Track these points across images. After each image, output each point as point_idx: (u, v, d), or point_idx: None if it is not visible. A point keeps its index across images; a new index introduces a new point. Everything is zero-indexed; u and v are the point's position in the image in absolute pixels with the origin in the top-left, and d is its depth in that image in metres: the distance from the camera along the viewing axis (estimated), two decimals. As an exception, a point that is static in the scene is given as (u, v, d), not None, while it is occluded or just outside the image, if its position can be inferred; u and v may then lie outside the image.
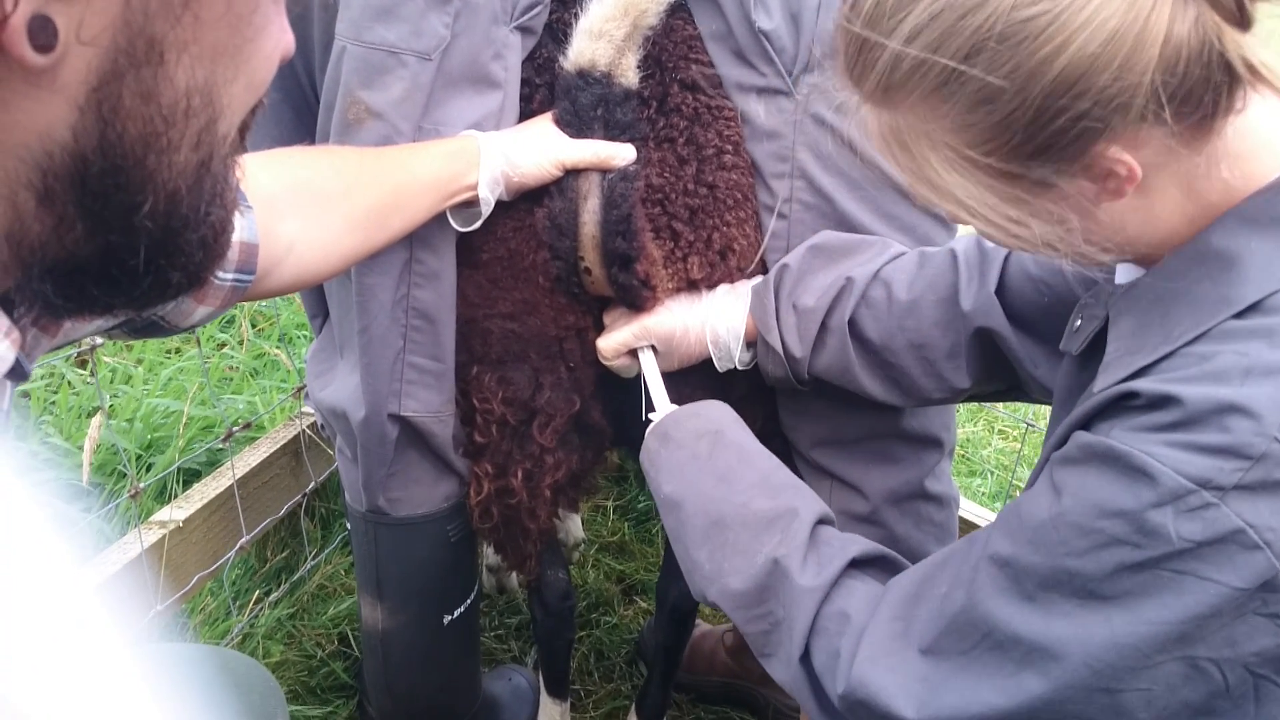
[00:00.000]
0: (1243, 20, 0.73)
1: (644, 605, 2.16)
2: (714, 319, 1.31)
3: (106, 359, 2.59)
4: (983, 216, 0.84)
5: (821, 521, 1.06)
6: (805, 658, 0.97)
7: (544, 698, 1.77)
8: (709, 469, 1.12)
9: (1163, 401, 0.75)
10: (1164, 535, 0.72)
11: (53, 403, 2.42)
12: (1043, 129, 0.76)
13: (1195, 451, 0.72)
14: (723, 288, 1.33)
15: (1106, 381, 0.81)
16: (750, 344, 1.31)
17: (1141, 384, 0.77)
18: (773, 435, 1.44)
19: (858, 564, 1.01)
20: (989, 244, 1.17)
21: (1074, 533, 0.77)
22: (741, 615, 1.03)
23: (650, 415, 1.26)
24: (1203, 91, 0.74)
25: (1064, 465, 0.81)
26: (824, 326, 1.23)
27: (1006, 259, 1.14)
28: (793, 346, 1.24)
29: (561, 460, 1.40)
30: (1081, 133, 0.75)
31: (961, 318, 1.16)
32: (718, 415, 1.20)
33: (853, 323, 1.21)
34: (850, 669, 0.90)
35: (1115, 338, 0.84)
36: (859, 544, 1.02)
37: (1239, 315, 0.76)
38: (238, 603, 1.99)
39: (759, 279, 1.32)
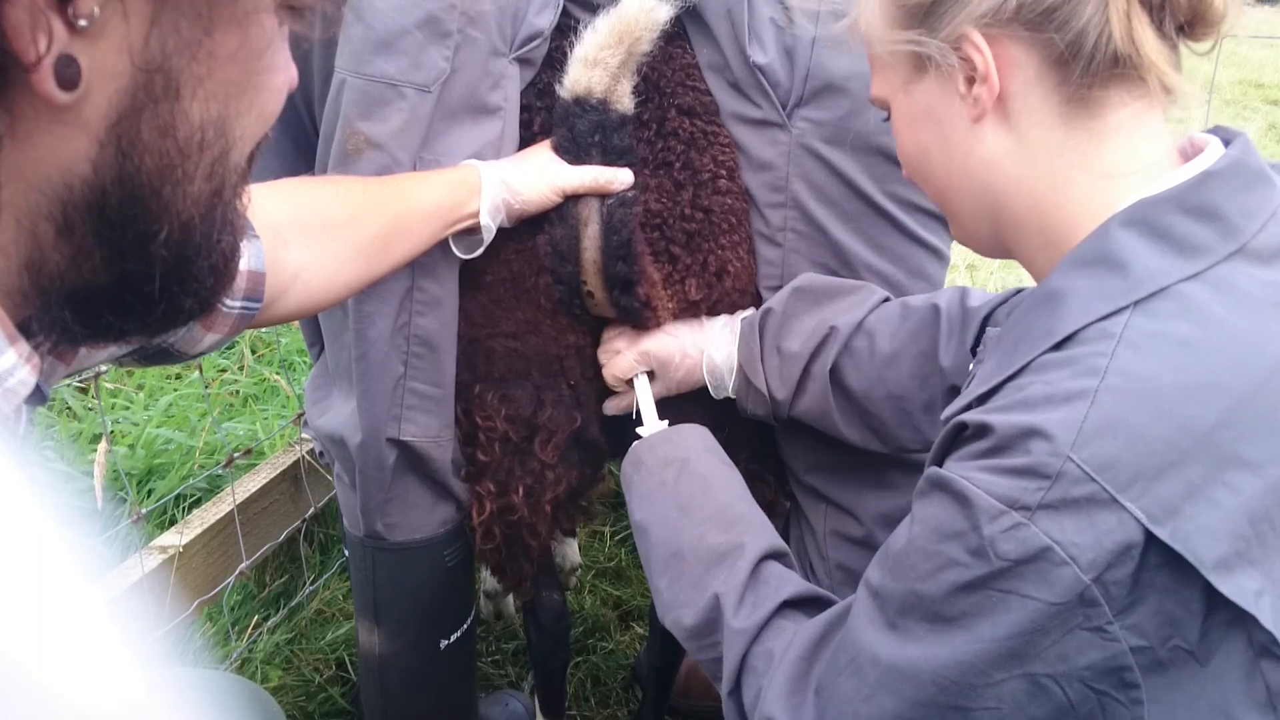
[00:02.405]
0: None
1: (640, 631, 2.15)
2: (710, 348, 1.34)
3: (108, 385, 2.60)
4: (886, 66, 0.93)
5: (768, 557, 1.07)
6: (735, 692, 0.99)
7: (540, 722, 1.77)
8: (673, 498, 1.15)
9: (981, 430, 0.79)
10: (986, 555, 0.75)
11: (53, 428, 2.43)
12: None
13: (1003, 474, 0.75)
14: (721, 319, 1.36)
15: (946, 415, 0.86)
16: None
17: (968, 415, 0.81)
18: (768, 458, 1.46)
19: (791, 604, 1.02)
20: (971, 300, 1.18)
21: (920, 557, 0.81)
22: (692, 645, 1.06)
23: (640, 431, 1.29)
24: (1072, 36, 0.80)
25: (917, 497, 0.85)
26: (806, 372, 1.25)
27: (986, 317, 1.15)
28: (776, 389, 1.27)
29: (561, 476, 1.41)
30: None
31: (939, 373, 1.17)
32: (688, 442, 1.22)
33: (834, 371, 1.23)
34: (758, 708, 0.93)
35: (978, 377, 0.87)
36: (794, 584, 1.04)
37: (1056, 347, 0.79)
38: (236, 628, 1.99)
39: (750, 312, 1.34)
